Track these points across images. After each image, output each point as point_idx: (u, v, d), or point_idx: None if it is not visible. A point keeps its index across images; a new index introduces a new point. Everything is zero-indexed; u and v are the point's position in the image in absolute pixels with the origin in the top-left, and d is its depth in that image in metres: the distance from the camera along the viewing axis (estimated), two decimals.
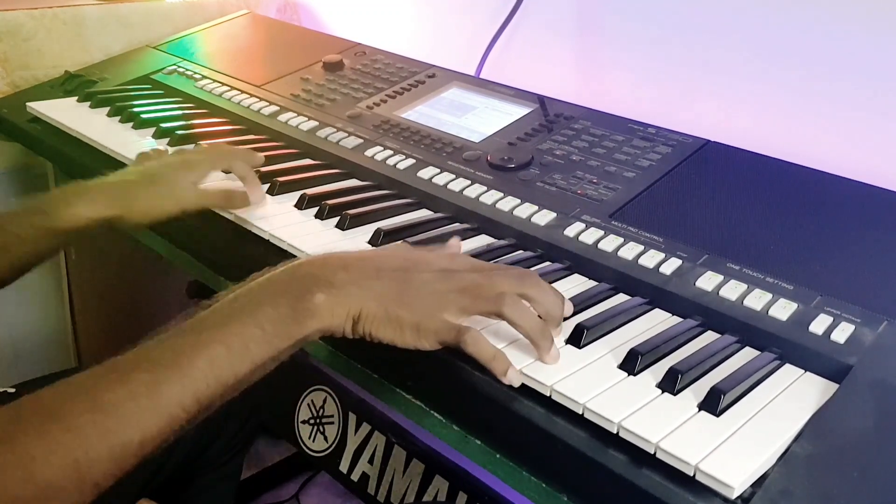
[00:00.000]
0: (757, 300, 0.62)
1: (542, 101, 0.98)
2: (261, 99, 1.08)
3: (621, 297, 0.66)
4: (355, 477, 1.34)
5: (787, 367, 0.58)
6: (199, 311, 0.52)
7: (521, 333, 0.55)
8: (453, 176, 0.84)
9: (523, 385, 0.54)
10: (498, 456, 0.55)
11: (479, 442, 0.56)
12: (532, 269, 0.70)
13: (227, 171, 0.82)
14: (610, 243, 0.70)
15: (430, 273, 0.56)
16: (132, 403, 0.46)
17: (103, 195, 0.76)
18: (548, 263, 0.71)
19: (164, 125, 1.01)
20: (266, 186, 0.84)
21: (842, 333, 0.57)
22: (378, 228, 0.73)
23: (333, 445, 1.38)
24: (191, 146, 0.93)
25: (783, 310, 0.60)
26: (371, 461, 1.33)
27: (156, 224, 0.78)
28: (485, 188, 0.81)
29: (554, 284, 0.67)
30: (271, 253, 0.73)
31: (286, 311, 0.51)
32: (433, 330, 0.54)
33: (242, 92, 1.11)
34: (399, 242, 0.69)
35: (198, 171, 0.79)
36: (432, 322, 0.54)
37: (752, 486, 0.46)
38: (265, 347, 0.51)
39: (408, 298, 0.54)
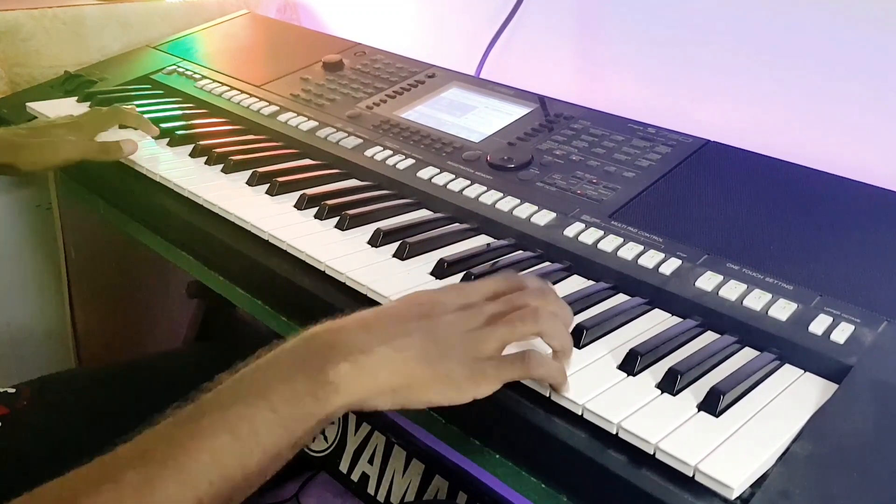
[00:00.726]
0: (757, 300, 0.61)
1: (542, 101, 0.98)
2: (261, 99, 1.08)
3: (621, 298, 0.66)
4: (355, 477, 1.34)
5: (787, 367, 0.58)
6: (199, 395, 0.45)
7: (554, 348, 0.53)
8: (453, 176, 0.84)
9: (523, 385, 0.54)
10: (498, 456, 0.55)
11: (479, 442, 0.56)
12: (532, 269, 0.70)
13: (123, 126, 0.98)
14: (609, 243, 0.70)
15: (452, 314, 0.51)
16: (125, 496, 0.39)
17: None
18: (547, 263, 0.71)
19: (163, 125, 1.01)
20: (266, 186, 0.84)
21: (841, 334, 0.57)
22: (378, 229, 0.73)
23: (333, 445, 1.38)
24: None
25: (783, 310, 0.60)
26: (371, 461, 1.33)
27: (43, 171, 0.94)
28: (484, 188, 0.81)
29: (553, 284, 0.67)
30: (271, 253, 0.73)
31: (303, 387, 0.44)
32: (490, 372, 0.49)
33: (242, 92, 1.11)
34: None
35: (82, 132, 0.91)
36: (484, 364, 0.49)
37: (752, 486, 0.46)
38: (279, 433, 0.43)
39: (448, 348, 0.48)
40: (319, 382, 0.44)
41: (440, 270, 0.68)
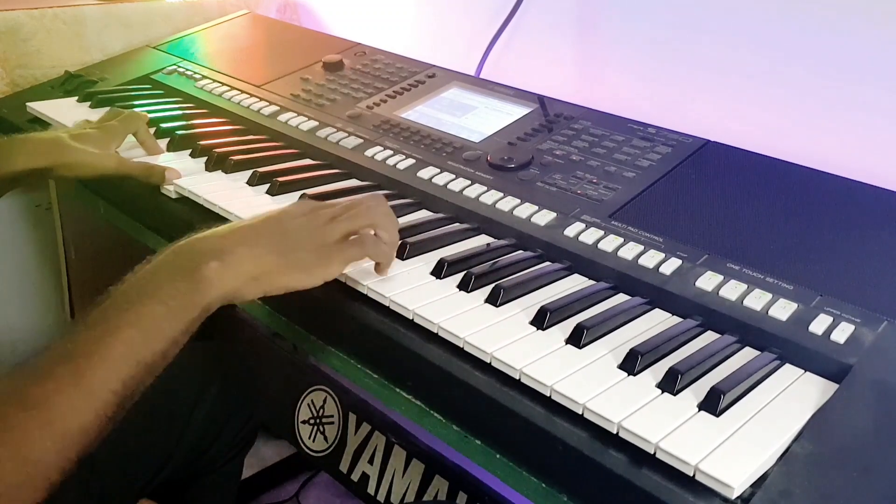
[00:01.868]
0: (757, 300, 0.61)
1: (542, 101, 0.98)
2: (261, 99, 1.08)
3: (621, 297, 0.66)
4: (355, 477, 1.34)
5: (787, 367, 0.58)
6: (98, 304, 0.54)
7: (383, 238, 0.65)
8: (453, 176, 0.84)
9: (523, 385, 0.54)
10: (498, 456, 0.55)
11: (479, 442, 0.56)
12: (532, 269, 0.70)
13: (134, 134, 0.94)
14: (610, 243, 0.70)
15: (300, 217, 0.63)
16: (61, 396, 0.48)
17: (39, 149, 0.83)
18: (548, 263, 0.71)
19: (163, 125, 1.01)
20: (267, 186, 0.84)
21: (842, 333, 0.57)
22: None
23: (333, 445, 1.38)
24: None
25: (783, 310, 0.60)
26: (371, 461, 1.33)
27: (83, 180, 0.89)
28: (485, 188, 0.81)
29: (553, 284, 0.68)
30: None
31: (184, 284, 0.55)
32: (335, 255, 0.61)
33: (242, 92, 1.11)
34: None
35: (118, 139, 0.90)
36: (329, 250, 0.61)
37: (752, 486, 0.46)
38: (174, 322, 0.54)
39: (298, 242, 0.60)
40: (196, 279, 0.55)
41: (440, 270, 0.68)
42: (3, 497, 0.45)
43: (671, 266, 0.67)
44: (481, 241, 0.76)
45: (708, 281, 0.64)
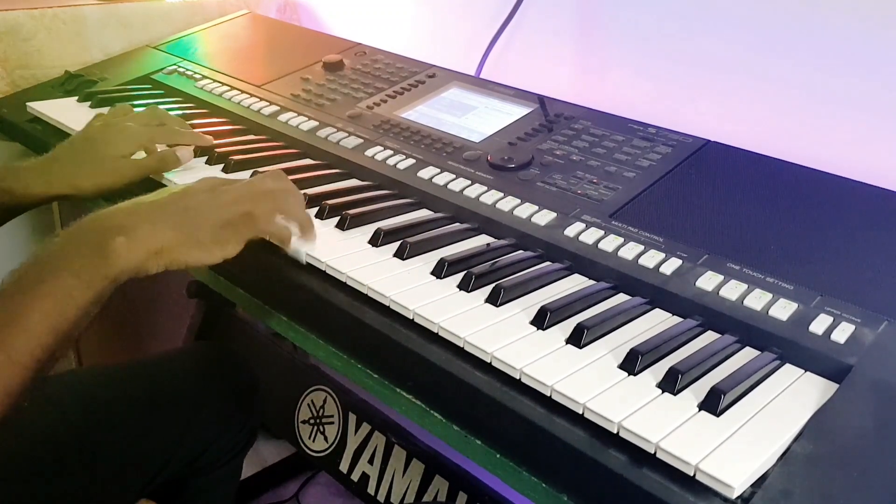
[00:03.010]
0: (757, 300, 0.62)
1: (542, 101, 0.98)
2: (261, 99, 1.08)
3: (621, 297, 0.66)
4: (355, 477, 1.34)
5: (788, 367, 0.58)
6: (11, 276, 0.58)
7: (294, 220, 0.68)
8: (453, 176, 0.84)
9: (523, 385, 0.54)
10: (498, 456, 0.55)
11: (479, 442, 0.56)
12: (532, 269, 0.70)
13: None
14: (610, 243, 0.70)
15: (203, 194, 0.65)
16: None
17: (55, 176, 0.83)
18: (548, 263, 0.71)
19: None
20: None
21: (842, 333, 0.57)
22: (378, 228, 0.73)
23: (333, 445, 1.38)
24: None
25: (783, 310, 0.60)
26: (371, 461, 1.33)
27: (107, 196, 0.84)
28: (485, 188, 0.81)
29: (554, 284, 0.68)
30: (271, 253, 0.73)
31: (94, 258, 0.58)
32: (231, 235, 0.64)
33: (242, 92, 1.11)
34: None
35: (135, 142, 0.86)
36: (225, 230, 0.64)
37: (753, 486, 0.46)
38: (85, 293, 0.57)
39: (197, 220, 0.63)
40: (104, 252, 0.58)
41: (440, 270, 0.68)
42: None
43: (671, 266, 0.67)
44: (481, 241, 0.76)
45: (708, 281, 0.64)
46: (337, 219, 0.77)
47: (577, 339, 0.58)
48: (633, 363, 0.55)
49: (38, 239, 1.31)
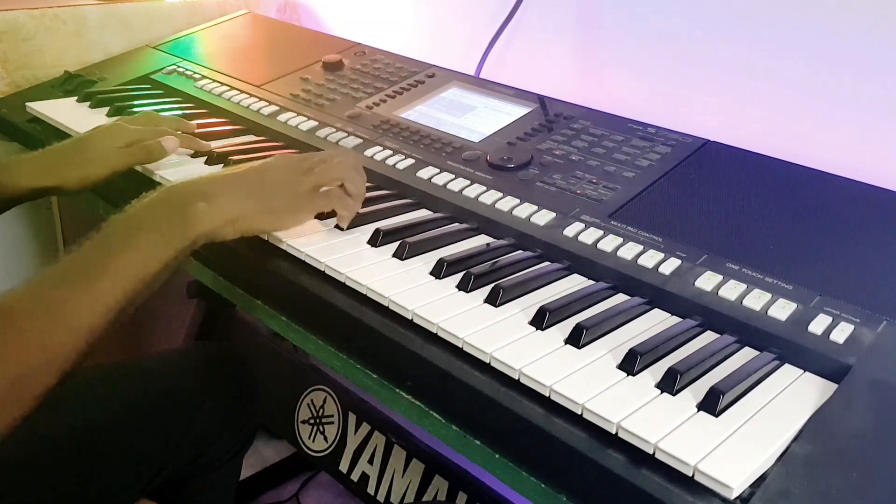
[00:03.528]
0: (756, 300, 0.62)
1: (541, 100, 0.98)
2: (260, 99, 1.08)
3: (620, 297, 0.66)
4: (355, 477, 1.34)
5: (787, 367, 0.58)
6: (102, 229, 0.63)
7: (350, 192, 0.74)
8: (453, 176, 0.84)
9: (522, 385, 0.54)
10: (498, 456, 0.55)
11: (478, 442, 0.56)
12: (531, 269, 0.70)
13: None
14: (609, 243, 0.70)
15: (279, 169, 0.72)
16: (76, 300, 0.58)
17: (41, 168, 0.85)
18: (547, 263, 0.71)
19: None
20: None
21: (841, 333, 0.57)
22: (377, 228, 0.73)
23: (333, 445, 1.38)
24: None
25: (782, 310, 0.60)
26: (371, 461, 1.33)
27: (95, 187, 0.86)
28: (484, 188, 0.81)
29: (553, 284, 0.68)
30: (270, 254, 0.73)
31: (178, 219, 0.64)
32: (303, 204, 0.71)
33: (242, 92, 1.11)
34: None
35: (122, 138, 0.87)
36: (300, 199, 0.71)
37: (751, 486, 0.46)
38: (167, 249, 0.63)
39: (273, 191, 0.70)
40: (187, 215, 0.65)
41: (440, 270, 0.68)
42: (25, 377, 0.56)
43: (670, 266, 0.67)
44: (481, 241, 0.76)
45: (707, 281, 0.64)
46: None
47: (576, 339, 0.58)
48: (632, 363, 0.55)
49: (39, 239, 1.31)
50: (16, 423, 0.56)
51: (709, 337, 0.61)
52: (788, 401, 0.53)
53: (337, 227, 0.75)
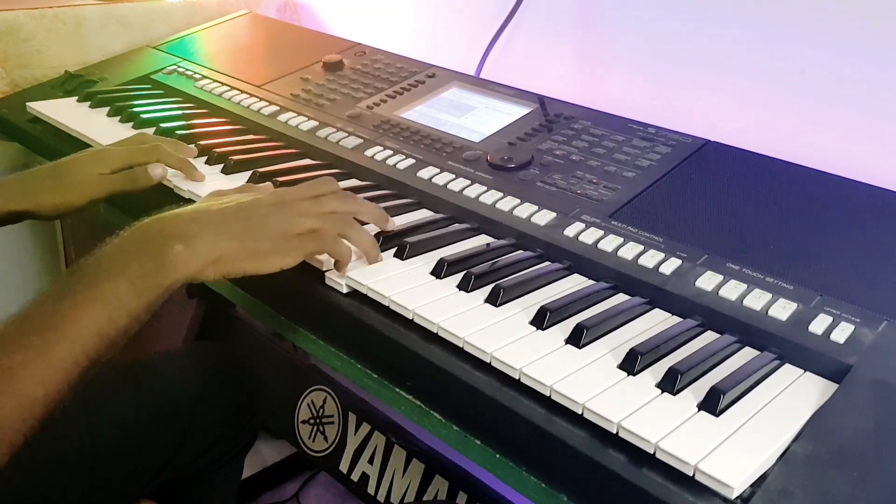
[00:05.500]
0: (756, 300, 0.62)
1: (542, 101, 0.98)
2: (261, 99, 1.08)
3: (621, 297, 0.66)
4: (355, 477, 1.34)
5: (787, 366, 0.58)
6: (64, 277, 0.57)
7: (357, 247, 0.67)
8: (453, 176, 0.84)
9: (523, 385, 0.54)
10: (498, 456, 0.55)
11: (478, 442, 0.56)
12: (532, 269, 0.70)
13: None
14: (610, 243, 0.70)
15: (267, 207, 0.65)
16: (29, 366, 0.51)
17: (12, 191, 0.80)
18: (547, 263, 0.71)
19: (164, 125, 1.01)
20: (265, 185, 0.84)
21: (841, 333, 0.57)
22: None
23: (333, 445, 1.38)
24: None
25: (783, 310, 0.60)
26: (371, 461, 1.33)
27: (69, 215, 0.81)
28: (484, 188, 0.81)
29: (553, 284, 0.68)
30: None
31: (150, 265, 0.57)
32: (292, 247, 0.63)
33: (242, 92, 1.11)
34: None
35: (107, 163, 0.82)
36: (288, 242, 0.63)
37: (752, 486, 0.46)
38: (137, 300, 0.56)
39: (258, 231, 0.62)
40: (161, 261, 0.57)
41: (440, 270, 0.68)
42: None
43: (671, 266, 0.67)
44: (481, 241, 0.76)
45: (708, 281, 0.64)
46: None
47: (577, 339, 0.58)
48: (632, 363, 0.55)
49: (39, 245, 1.31)
50: None
51: (709, 337, 0.61)
52: (789, 401, 0.53)
53: None
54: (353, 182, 0.89)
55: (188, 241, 0.59)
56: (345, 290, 0.66)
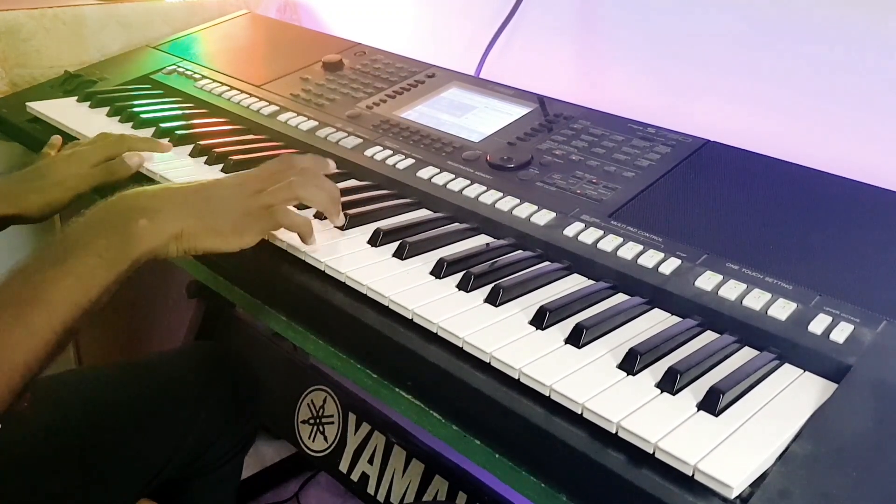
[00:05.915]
0: (756, 300, 0.62)
1: (541, 100, 0.98)
2: (260, 99, 1.08)
3: (620, 297, 0.66)
4: (355, 477, 1.34)
5: (787, 366, 0.58)
6: (35, 254, 0.60)
7: (317, 207, 0.71)
8: (453, 176, 0.84)
9: (522, 384, 0.54)
10: (497, 455, 0.55)
11: (478, 442, 0.56)
12: (531, 268, 0.70)
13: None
14: (609, 243, 0.70)
15: (228, 188, 0.68)
16: (8, 336, 0.55)
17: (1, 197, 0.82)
18: (547, 263, 0.71)
19: (163, 125, 1.01)
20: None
21: (841, 333, 0.57)
22: (377, 228, 0.73)
23: (333, 445, 1.38)
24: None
25: (782, 309, 0.60)
26: (371, 461, 1.33)
27: (55, 213, 0.85)
28: (484, 188, 0.81)
29: (553, 284, 0.68)
30: (270, 253, 0.73)
31: (117, 238, 0.61)
32: (250, 225, 0.66)
33: (242, 92, 1.11)
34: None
35: (84, 161, 0.86)
36: (247, 219, 0.66)
37: (751, 485, 0.46)
38: (107, 273, 0.60)
39: (218, 209, 0.66)
40: (127, 234, 0.61)
41: (440, 270, 0.68)
42: None
43: (670, 266, 0.67)
44: (481, 240, 0.76)
45: (707, 281, 0.64)
46: None
47: (576, 338, 0.58)
48: (631, 363, 0.55)
49: (39, 238, 1.31)
50: None
51: (709, 337, 0.61)
52: (788, 400, 0.53)
53: (336, 227, 0.76)
54: (353, 182, 0.89)
55: (152, 215, 0.62)
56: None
